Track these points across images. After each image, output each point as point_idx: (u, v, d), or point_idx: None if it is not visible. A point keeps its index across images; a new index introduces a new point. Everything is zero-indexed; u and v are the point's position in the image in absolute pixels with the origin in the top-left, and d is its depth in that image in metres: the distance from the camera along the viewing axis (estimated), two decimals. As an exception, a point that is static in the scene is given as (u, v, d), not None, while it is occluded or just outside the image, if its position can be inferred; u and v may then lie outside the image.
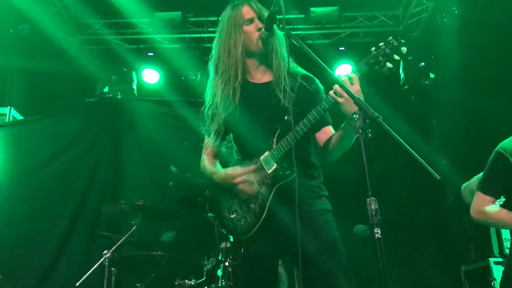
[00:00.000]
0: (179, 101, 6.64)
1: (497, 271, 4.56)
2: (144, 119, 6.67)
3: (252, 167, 2.48)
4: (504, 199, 3.14)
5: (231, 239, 2.59)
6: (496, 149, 3.06)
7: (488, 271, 4.68)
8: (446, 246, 6.04)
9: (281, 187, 2.39)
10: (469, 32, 5.87)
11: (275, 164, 2.41)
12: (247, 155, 2.56)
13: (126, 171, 6.40)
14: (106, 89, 6.72)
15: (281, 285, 4.38)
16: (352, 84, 2.22)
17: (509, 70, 5.41)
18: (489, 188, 3.06)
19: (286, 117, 2.41)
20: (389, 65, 2.25)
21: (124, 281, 4.83)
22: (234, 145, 2.67)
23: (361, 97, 2.17)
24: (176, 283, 4.40)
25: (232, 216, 2.52)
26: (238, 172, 2.50)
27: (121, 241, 4.33)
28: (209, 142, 2.73)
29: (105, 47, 6.86)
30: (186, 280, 4.37)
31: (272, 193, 2.40)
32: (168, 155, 6.27)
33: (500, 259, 4.62)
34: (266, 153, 2.45)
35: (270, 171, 2.42)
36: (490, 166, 3.09)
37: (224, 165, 2.70)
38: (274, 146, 2.44)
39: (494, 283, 4.50)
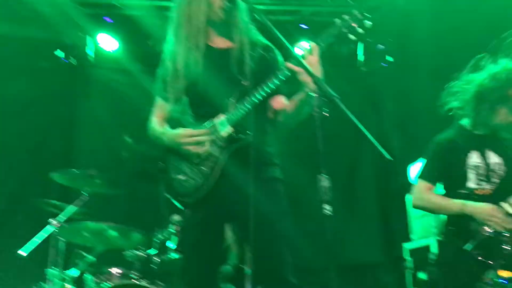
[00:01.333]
0: (137, 71, 6.48)
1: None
2: (100, 87, 6.50)
3: (206, 129, 2.48)
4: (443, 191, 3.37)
5: (176, 203, 2.60)
6: (434, 139, 3.35)
7: (429, 249, 4.97)
8: (391, 224, 6.29)
9: (234, 151, 2.42)
10: (429, 16, 5.97)
11: (230, 128, 2.43)
12: (201, 118, 2.55)
13: (79, 139, 6.25)
14: (61, 54, 6.47)
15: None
16: (311, 54, 2.24)
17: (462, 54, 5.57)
18: (429, 175, 3.27)
19: (244, 82, 2.43)
20: (351, 37, 2.28)
21: (73, 252, 4.75)
22: (187, 109, 2.64)
23: (320, 69, 2.23)
24: (126, 254, 4.37)
25: (180, 177, 2.52)
26: (189, 133, 2.50)
27: (70, 210, 4.25)
28: (161, 105, 2.72)
29: (61, 9, 6.56)
30: (137, 252, 4.34)
31: (224, 156, 2.42)
32: (123, 125, 6.16)
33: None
34: (222, 116, 2.46)
35: (224, 134, 2.44)
36: (430, 154, 3.35)
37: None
38: (231, 109, 2.45)
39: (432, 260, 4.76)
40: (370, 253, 6.09)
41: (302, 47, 2.32)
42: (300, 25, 6.81)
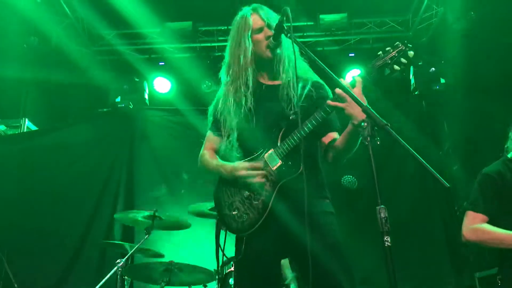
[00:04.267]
0: (190, 110, 6.70)
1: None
2: (156, 128, 6.74)
3: (258, 163, 2.49)
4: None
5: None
6: (482, 171, 3.23)
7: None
8: (460, 252, 5.99)
9: (285, 185, 2.42)
10: (479, 36, 5.84)
11: (280, 161, 2.45)
12: (250, 152, 2.57)
13: (139, 179, 6.45)
14: (118, 99, 6.83)
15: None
16: (353, 87, 2.25)
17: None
18: (482, 207, 3.14)
19: (291, 116, 2.46)
20: (396, 67, 2.28)
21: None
22: (234, 143, 2.65)
23: (365, 101, 2.21)
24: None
25: (233, 213, 2.52)
26: (245, 166, 2.52)
27: (134, 249, 4.35)
28: (211, 139, 2.77)
29: (117, 57, 6.95)
30: (200, 288, 4.38)
31: (276, 190, 2.42)
32: (179, 163, 6.33)
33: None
34: (271, 151, 2.49)
35: (274, 167, 2.45)
36: (480, 187, 3.21)
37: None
38: (279, 143, 2.47)
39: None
40: (440, 283, 5.81)
41: (346, 81, 2.31)
42: (350, 54, 6.84)
